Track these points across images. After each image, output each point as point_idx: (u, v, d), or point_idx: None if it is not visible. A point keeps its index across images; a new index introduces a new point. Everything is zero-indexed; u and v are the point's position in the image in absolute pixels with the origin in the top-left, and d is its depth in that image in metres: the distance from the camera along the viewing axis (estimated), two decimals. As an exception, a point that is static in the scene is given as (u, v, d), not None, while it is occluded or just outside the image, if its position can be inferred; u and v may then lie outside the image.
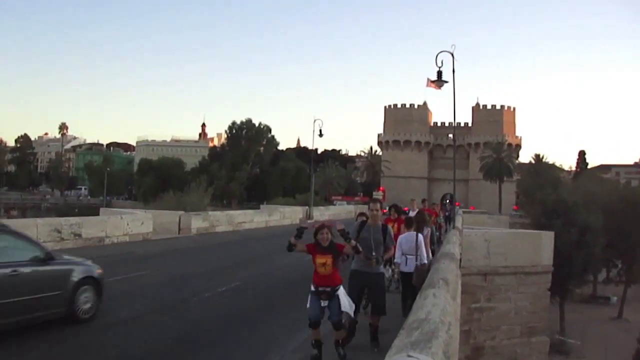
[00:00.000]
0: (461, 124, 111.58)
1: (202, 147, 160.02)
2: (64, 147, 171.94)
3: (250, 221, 37.38)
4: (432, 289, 6.38)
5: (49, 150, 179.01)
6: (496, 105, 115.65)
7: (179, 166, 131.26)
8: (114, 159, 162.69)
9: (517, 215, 75.75)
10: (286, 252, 7.91)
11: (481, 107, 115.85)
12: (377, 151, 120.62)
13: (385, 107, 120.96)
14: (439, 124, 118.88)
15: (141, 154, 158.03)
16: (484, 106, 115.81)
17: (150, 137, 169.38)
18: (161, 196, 53.87)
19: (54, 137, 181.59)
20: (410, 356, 3.56)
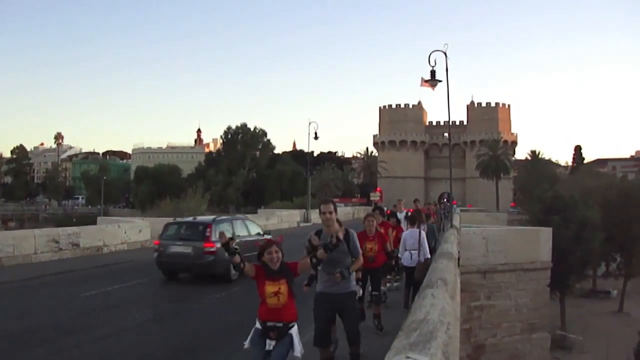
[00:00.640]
0: (456, 122, 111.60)
1: (198, 153, 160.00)
2: (60, 157, 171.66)
3: (248, 226, 37.40)
4: (431, 289, 6.36)
5: (45, 160, 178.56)
6: (491, 102, 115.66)
7: (176, 173, 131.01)
8: (111, 167, 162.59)
9: (515, 212, 75.80)
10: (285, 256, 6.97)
11: (476, 105, 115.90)
12: (373, 152, 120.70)
13: (380, 108, 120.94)
14: (434, 123, 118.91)
15: (137, 161, 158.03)
16: (479, 104, 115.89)
17: (146, 144, 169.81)
18: (158, 203, 53.68)
19: (49, 147, 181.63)
20: (408, 357, 3.55)
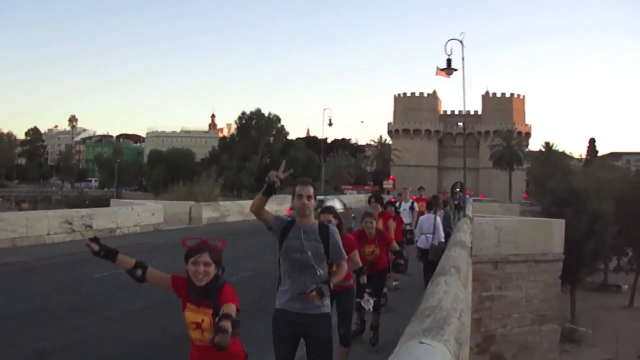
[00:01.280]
0: (471, 112, 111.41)
1: (211, 137, 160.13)
2: (74, 140, 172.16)
3: (260, 211, 37.36)
4: (444, 277, 6.37)
5: (59, 142, 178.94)
6: (506, 93, 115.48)
7: (189, 157, 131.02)
8: (124, 150, 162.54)
9: (528, 203, 75.51)
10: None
11: (491, 95, 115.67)
12: (386, 140, 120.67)
13: (394, 96, 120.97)
14: (448, 113, 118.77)
15: (151, 145, 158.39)
16: (494, 94, 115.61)
17: (159, 128, 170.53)
18: (171, 187, 53.56)
19: (63, 130, 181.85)
20: (422, 343, 3.57)
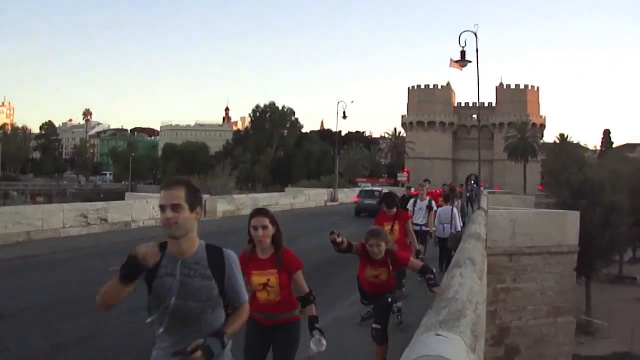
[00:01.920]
0: (485, 104, 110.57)
1: (226, 131, 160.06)
2: (89, 134, 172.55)
3: (275, 204, 37.31)
4: (459, 269, 6.37)
5: (73, 136, 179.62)
6: (520, 85, 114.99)
7: (204, 150, 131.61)
8: (139, 144, 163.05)
9: (543, 195, 75.25)
10: (311, 234, 5.53)
11: (505, 87, 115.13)
12: (401, 133, 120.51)
13: (409, 88, 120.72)
14: (463, 105, 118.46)
15: (165, 138, 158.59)
16: (508, 86, 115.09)
17: (174, 122, 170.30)
18: (186, 180, 53.97)
19: (78, 124, 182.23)
20: (439, 335, 3.58)
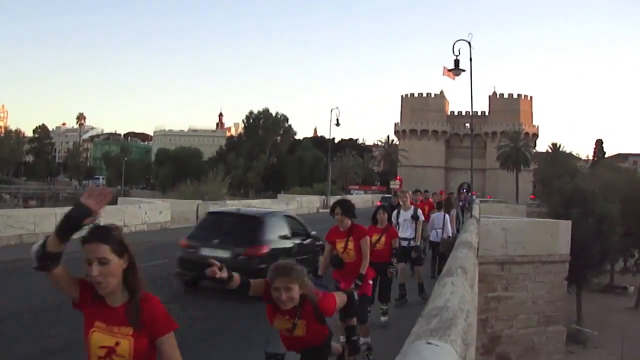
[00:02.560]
0: (478, 112, 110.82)
1: (219, 136, 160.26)
2: (82, 137, 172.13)
3: (267, 210, 37.39)
4: (451, 277, 6.41)
5: (66, 140, 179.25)
6: (513, 94, 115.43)
7: (197, 156, 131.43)
8: (132, 148, 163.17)
9: (534, 204, 75.45)
10: None
11: (498, 96, 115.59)
12: (394, 140, 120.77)
13: (402, 96, 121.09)
14: (455, 113, 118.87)
15: (158, 143, 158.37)
16: (501, 95, 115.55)
17: (167, 127, 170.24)
18: (179, 185, 53.76)
19: (71, 128, 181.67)
20: (429, 343, 3.62)
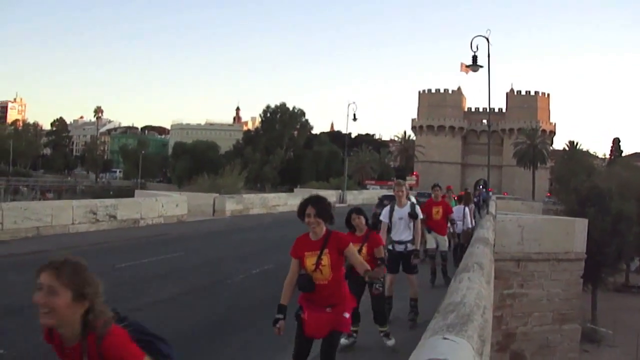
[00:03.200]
0: (495, 109, 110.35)
1: (236, 130, 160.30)
2: (99, 131, 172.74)
3: (283, 204, 37.42)
4: (467, 273, 6.38)
5: (84, 133, 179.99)
6: (530, 91, 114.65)
7: (213, 149, 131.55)
8: (149, 142, 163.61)
9: (551, 202, 75.13)
10: None
11: (515, 92, 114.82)
12: (410, 136, 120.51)
13: (419, 92, 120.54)
14: (473, 110, 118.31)
15: (175, 137, 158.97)
16: (518, 92, 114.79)
17: (184, 120, 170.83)
18: (195, 179, 53.92)
19: (89, 121, 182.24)
20: (446, 338, 3.61)
